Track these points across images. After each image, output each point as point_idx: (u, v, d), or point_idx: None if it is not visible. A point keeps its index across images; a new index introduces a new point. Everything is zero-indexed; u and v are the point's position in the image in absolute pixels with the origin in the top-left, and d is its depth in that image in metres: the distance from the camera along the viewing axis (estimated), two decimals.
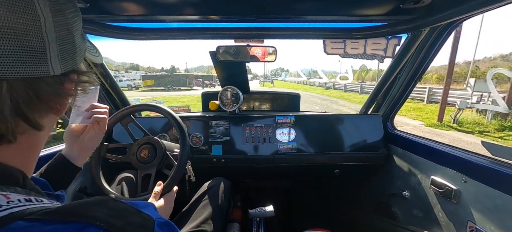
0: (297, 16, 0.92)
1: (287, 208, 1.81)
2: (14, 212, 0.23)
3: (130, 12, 0.87)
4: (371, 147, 1.36)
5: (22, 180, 0.30)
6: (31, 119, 0.28)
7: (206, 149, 1.35)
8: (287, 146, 1.35)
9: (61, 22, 0.29)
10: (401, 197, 1.24)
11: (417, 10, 0.83)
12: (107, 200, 0.31)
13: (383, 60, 1.26)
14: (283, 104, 1.74)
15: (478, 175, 0.86)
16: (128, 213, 0.32)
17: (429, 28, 0.93)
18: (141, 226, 0.31)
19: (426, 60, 1.09)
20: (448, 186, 0.96)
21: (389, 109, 1.35)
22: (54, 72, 0.28)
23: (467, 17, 0.78)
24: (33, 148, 0.34)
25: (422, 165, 1.12)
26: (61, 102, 0.32)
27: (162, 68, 64.01)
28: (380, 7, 0.84)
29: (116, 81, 1.34)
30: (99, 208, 0.29)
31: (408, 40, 1.08)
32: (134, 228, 0.30)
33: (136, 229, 0.30)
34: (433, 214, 1.05)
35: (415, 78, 1.17)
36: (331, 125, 1.38)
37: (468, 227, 0.88)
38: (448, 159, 0.99)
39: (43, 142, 0.36)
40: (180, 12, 0.88)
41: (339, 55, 1.30)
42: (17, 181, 0.29)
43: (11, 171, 0.29)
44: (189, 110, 1.65)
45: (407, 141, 1.25)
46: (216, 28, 1.05)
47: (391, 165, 1.35)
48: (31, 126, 0.28)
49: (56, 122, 0.36)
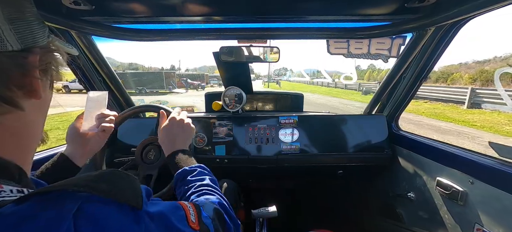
0: (300, 16, 0.92)
1: (290, 209, 1.80)
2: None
3: (134, 14, 0.88)
4: (375, 147, 1.34)
5: (18, 176, 0.30)
6: (1, 94, 0.28)
7: (210, 149, 1.35)
8: (290, 147, 1.34)
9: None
10: (406, 198, 1.22)
11: (422, 9, 0.82)
12: (92, 173, 0.31)
13: (388, 60, 1.25)
14: (286, 104, 1.74)
15: (485, 176, 0.84)
16: (116, 176, 0.32)
17: (434, 27, 0.92)
18: (131, 188, 0.31)
19: (432, 60, 1.07)
20: (454, 188, 0.94)
21: (394, 110, 1.34)
22: (13, 48, 0.29)
23: (474, 16, 0.77)
24: (22, 134, 0.33)
25: (427, 166, 1.11)
26: (29, 78, 0.31)
27: (162, 68, 63.12)
28: (384, 6, 0.83)
29: (118, 79, 1.34)
30: (81, 177, 0.30)
31: (413, 39, 1.06)
32: (123, 189, 0.30)
33: (126, 190, 0.30)
34: (439, 216, 1.04)
35: (420, 78, 1.16)
36: (334, 126, 1.37)
37: (475, 230, 0.87)
38: (454, 160, 0.97)
39: (34, 132, 0.35)
40: (184, 13, 0.89)
41: (343, 55, 1.30)
42: (11, 175, 0.29)
43: (4, 163, 0.29)
44: (192, 111, 1.66)
45: (412, 142, 1.23)
46: (219, 28, 1.06)
47: (396, 166, 1.33)
48: (4, 102, 0.28)
49: (43, 108, 0.36)
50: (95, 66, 1.20)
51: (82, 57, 1.13)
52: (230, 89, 1.39)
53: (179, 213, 0.38)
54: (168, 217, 0.35)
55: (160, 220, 0.33)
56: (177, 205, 0.40)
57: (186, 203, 0.42)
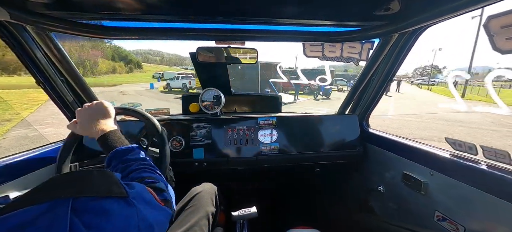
0: (276, 19, 0.94)
1: (270, 209, 1.82)
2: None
3: (102, 10, 0.82)
4: (348, 145, 1.42)
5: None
6: None
7: (187, 152, 1.31)
8: (269, 147, 1.36)
9: None
10: (377, 192, 1.31)
11: (387, 17, 0.89)
12: (71, 173, 0.37)
13: (358, 63, 1.33)
14: (265, 105, 1.76)
15: (443, 168, 0.94)
16: (89, 174, 0.38)
17: (398, 33, 1.01)
18: (113, 183, 0.39)
19: (397, 63, 1.17)
20: (417, 180, 1.03)
21: (364, 109, 1.43)
22: None
23: (432, 24, 0.86)
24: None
25: (394, 161, 1.20)
26: None
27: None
28: (355, 13, 0.89)
29: (82, 76, 1.21)
30: (62, 181, 0.36)
31: (380, 44, 1.15)
32: (108, 185, 0.37)
33: (111, 186, 0.37)
34: (405, 206, 1.13)
35: (387, 80, 1.25)
36: (311, 126, 1.42)
37: (435, 216, 0.96)
38: (417, 155, 1.07)
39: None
40: (158, 11, 0.85)
41: (318, 57, 1.35)
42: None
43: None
44: (168, 113, 1.59)
45: (381, 139, 1.33)
46: (196, 29, 1.03)
47: (368, 162, 1.42)
48: None
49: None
50: (55, 65, 1.09)
51: (40, 55, 1.01)
52: (208, 90, 1.37)
53: (149, 195, 0.46)
54: (144, 196, 0.43)
55: (143, 199, 0.42)
56: (144, 187, 0.48)
57: (148, 188, 0.49)
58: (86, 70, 36.73)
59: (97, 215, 0.31)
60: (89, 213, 0.30)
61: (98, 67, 36.36)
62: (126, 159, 0.62)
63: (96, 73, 36.43)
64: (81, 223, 0.28)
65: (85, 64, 36.98)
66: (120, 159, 0.62)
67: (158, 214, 0.45)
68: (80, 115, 0.73)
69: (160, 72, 15.00)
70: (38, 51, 0.99)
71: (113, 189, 0.36)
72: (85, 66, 36.81)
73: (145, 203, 0.41)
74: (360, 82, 1.37)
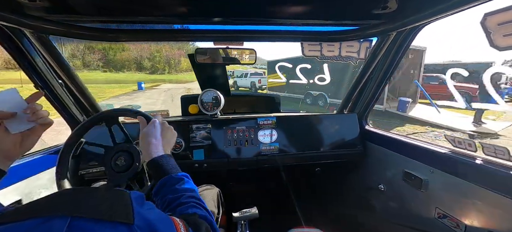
0: (275, 19, 0.94)
1: (271, 209, 1.82)
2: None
3: (101, 13, 0.82)
4: (348, 144, 1.42)
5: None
6: None
7: (187, 154, 1.31)
8: (269, 147, 1.36)
9: None
10: (378, 190, 1.31)
11: (385, 16, 0.89)
12: (70, 189, 0.33)
13: (357, 62, 1.34)
14: (264, 106, 1.76)
15: (443, 165, 0.94)
16: (95, 192, 0.34)
17: (395, 32, 1.01)
18: (120, 204, 0.33)
19: (395, 62, 1.17)
20: (418, 177, 1.04)
21: (363, 108, 1.43)
22: None
23: (430, 22, 0.86)
24: None
25: (395, 159, 1.20)
26: None
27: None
28: (353, 12, 0.89)
29: (81, 80, 1.23)
30: (65, 196, 0.32)
31: (377, 43, 1.15)
32: (112, 206, 0.32)
33: (115, 207, 0.32)
34: (406, 204, 1.13)
35: (385, 78, 1.26)
36: (310, 125, 1.42)
37: (436, 213, 0.96)
38: (417, 153, 1.07)
39: None
40: (158, 14, 0.86)
41: (317, 57, 1.35)
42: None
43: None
44: (167, 115, 1.58)
45: (381, 137, 1.33)
46: (194, 30, 1.04)
47: (368, 161, 1.42)
48: None
49: None
50: (53, 68, 1.09)
51: (38, 58, 1.01)
52: (207, 91, 1.37)
53: (171, 229, 0.38)
54: (157, 226, 0.35)
55: (150, 228, 0.34)
56: (169, 220, 0.40)
57: (177, 220, 0.42)
58: (171, 67, 38.90)
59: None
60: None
61: (180, 65, 37.89)
62: (177, 189, 0.58)
63: (178, 70, 38.05)
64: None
65: (170, 62, 38.78)
66: (172, 188, 0.58)
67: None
68: (156, 128, 0.72)
69: (231, 70, 13.31)
70: (37, 55, 0.99)
71: (118, 211, 0.32)
72: (170, 64, 38.84)
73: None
74: (358, 80, 1.37)
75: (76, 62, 32.11)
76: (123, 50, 34.91)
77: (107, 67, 34.86)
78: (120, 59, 35.70)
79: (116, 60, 35.79)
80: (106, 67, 34.71)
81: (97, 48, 33.98)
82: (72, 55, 32.03)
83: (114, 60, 35.84)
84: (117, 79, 25.82)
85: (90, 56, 33.81)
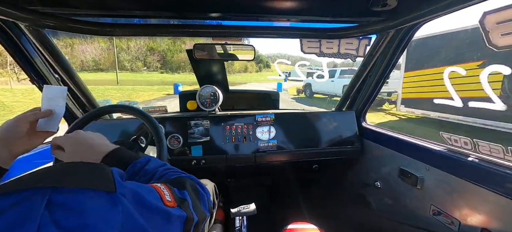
0: (274, 15, 0.94)
1: (269, 205, 1.83)
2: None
3: (97, 6, 0.81)
4: (346, 141, 1.43)
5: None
6: None
7: (185, 150, 1.31)
8: (267, 144, 1.36)
9: None
10: (374, 187, 1.32)
11: (384, 13, 0.89)
12: (57, 165, 0.34)
13: (355, 59, 1.34)
14: (263, 102, 1.76)
15: (438, 163, 0.95)
16: (82, 167, 0.34)
17: (394, 30, 1.01)
18: (100, 176, 0.33)
19: (393, 60, 1.18)
20: (413, 175, 1.05)
21: (362, 105, 1.44)
22: None
23: (429, 20, 0.86)
24: None
25: (391, 157, 1.21)
26: None
27: None
28: (352, 9, 0.89)
29: (77, 74, 1.20)
30: (45, 171, 0.31)
31: (376, 40, 1.15)
32: (92, 178, 0.32)
33: (95, 178, 0.32)
34: (402, 200, 1.15)
35: (384, 76, 1.26)
36: (309, 122, 1.43)
37: (431, 210, 0.98)
38: (413, 150, 1.08)
39: None
40: (155, 8, 0.84)
41: (315, 54, 1.35)
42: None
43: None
44: (165, 111, 1.57)
45: (378, 135, 1.34)
46: (192, 25, 1.02)
47: (365, 158, 1.43)
48: None
49: None
50: (50, 63, 1.07)
51: (34, 53, 1.00)
52: (206, 87, 1.36)
53: (153, 194, 0.38)
54: (142, 195, 0.35)
55: (135, 198, 0.33)
56: (150, 187, 0.39)
57: (158, 185, 0.41)
58: None
59: (70, 212, 0.26)
60: (63, 208, 0.26)
61: (233, 66, 37.96)
62: (147, 170, 0.52)
63: (230, 71, 37.96)
64: (52, 221, 0.25)
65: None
66: (142, 171, 0.52)
67: (155, 217, 0.36)
68: (67, 144, 0.56)
69: (287, 71, 11.44)
70: (32, 49, 0.98)
71: (101, 182, 0.31)
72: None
73: (136, 203, 0.33)
74: (357, 78, 1.37)
75: (138, 64, 33.57)
76: (180, 51, 34.60)
77: (164, 68, 35.90)
78: (177, 60, 35.87)
79: (173, 62, 36.32)
80: (163, 68, 35.77)
81: (158, 50, 34.62)
82: (135, 57, 33.71)
83: (171, 61, 36.44)
84: (170, 80, 23.96)
85: (151, 57, 34.99)
